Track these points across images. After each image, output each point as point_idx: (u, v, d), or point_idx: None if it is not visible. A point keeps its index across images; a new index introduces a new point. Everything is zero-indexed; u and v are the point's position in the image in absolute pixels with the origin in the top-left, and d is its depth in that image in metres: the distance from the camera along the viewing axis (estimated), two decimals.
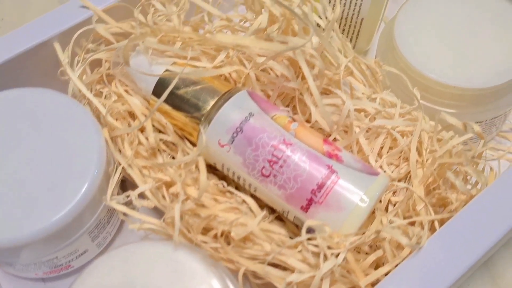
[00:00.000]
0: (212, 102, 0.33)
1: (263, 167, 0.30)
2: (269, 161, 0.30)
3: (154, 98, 0.34)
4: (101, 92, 0.36)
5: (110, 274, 0.28)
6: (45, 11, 0.38)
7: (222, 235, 0.30)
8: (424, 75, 0.34)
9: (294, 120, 0.32)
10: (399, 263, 0.28)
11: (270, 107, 0.32)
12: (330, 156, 0.30)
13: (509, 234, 0.28)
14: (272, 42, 0.31)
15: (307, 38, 0.30)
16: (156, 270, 0.28)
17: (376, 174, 0.30)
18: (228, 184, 0.34)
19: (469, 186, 0.32)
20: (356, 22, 0.38)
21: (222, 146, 0.31)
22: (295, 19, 0.33)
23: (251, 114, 0.31)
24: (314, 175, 0.29)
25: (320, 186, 0.29)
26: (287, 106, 0.36)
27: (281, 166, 0.30)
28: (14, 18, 0.49)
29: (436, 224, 0.29)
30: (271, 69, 0.35)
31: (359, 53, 0.43)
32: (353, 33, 0.38)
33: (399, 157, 0.33)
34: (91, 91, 0.36)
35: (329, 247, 0.28)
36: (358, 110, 0.34)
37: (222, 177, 0.34)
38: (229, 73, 0.35)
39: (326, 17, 0.34)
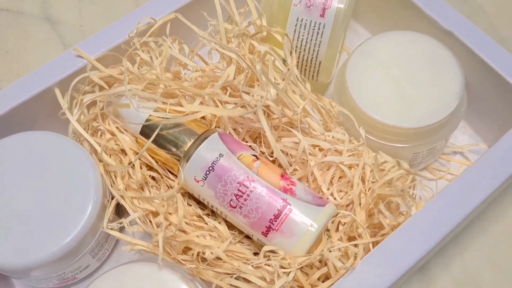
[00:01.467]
0: (189, 143, 0.39)
1: (231, 200, 0.37)
2: (236, 195, 0.37)
3: (142, 137, 0.40)
4: (97, 130, 0.43)
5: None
6: (45, 42, 0.43)
7: (198, 255, 0.37)
8: (369, 115, 0.40)
9: (257, 159, 0.38)
10: (339, 278, 0.34)
11: (237, 148, 0.38)
12: (285, 190, 0.36)
13: (426, 257, 0.35)
14: (232, 109, 0.37)
15: (266, 90, 0.37)
16: (146, 286, 0.35)
17: (323, 204, 0.37)
18: (205, 209, 0.40)
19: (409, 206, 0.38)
20: (315, 65, 0.43)
21: (198, 181, 0.38)
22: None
23: (221, 155, 0.37)
24: (272, 207, 0.36)
25: (277, 216, 0.36)
26: (255, 140, 0.42)
27: (245, 199, 0.36)
28: (18, 50, 0.55)
29: (371, 245, 0.36)
30: None
31: (322, 85, 0.49)
32: (313, 72, 0.44)
33: (348, 185, 0.40)
34: (88, 129, 0.43)
35: (281, 267, 0.34)
36: (314, 145, 0.40)
37: (201, 204, 0.41)
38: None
39: (286, 65, 0.40)
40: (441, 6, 0.44)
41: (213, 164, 0.37)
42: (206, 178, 0.37)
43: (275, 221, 0.36)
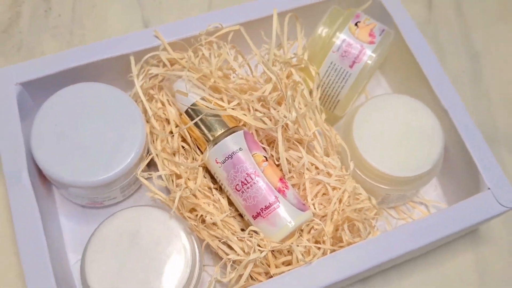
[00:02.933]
0: (220, 132, 0.50)
1: (237, 184, 0.48)
2: (242, 182, 0.47)
3: (185, 116, 0.51)
4: (152, 97, 0.53)
5: (126, 223, 0.46)
6: (127, 8, 0.53)
7: (200, 217, 0.48)
8: (360, 155, 0.50)
9: (266, 160, 0.49)
10: (297, 267, 0.46)
11: (254, 147, 0.49)
12: (279, 191, 0.47)
13: (363, 273, 0.45)
14: (256, 120, 0.48)
15: (289, 111, 0.47)
16: (156, 227, 0.46)
17: (304, 210, 0.47)
18: (215, 184, 0.51)
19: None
20: (334, 101, 0.54)
21: (217, 163, 0.49)
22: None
23: (240, 149, 0.48)
24: (265, 199, 0.47)
25: (267, 207, 0.47)
26: (270, 144, 0.53)
27: (248, 188, 0.47)
28: (103, 9, 0.66)
29: (328, 251, 0.47)
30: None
31: (336, 116, 0.59)
32: (331, 105, 0.55)
33: (327, 201, 0.50)
34: (146, 94, 0.54)
35: (258, 245, 0.45)
36: (312, 163, 0.51)
37: (214, 179, 0.52)
38: None
39: (311, 96, 0.51)
40: (447, 86, 0.54)
41: (232, 154, 0.48)
42: (224, 162, 0.48)
43: (265, 210, 0.47)
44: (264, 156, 0.49)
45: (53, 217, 0.52)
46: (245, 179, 0.48)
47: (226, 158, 0.48)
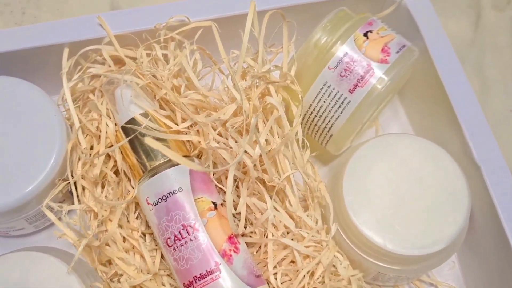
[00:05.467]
0: (160, 162, 0.37)
1: (169, 238, 0.35)
2: (175, 236, 0.34)
3: (121, 133, 0.38)
4: (89, 102, 0.41)
5: (8, 272, 0.33)
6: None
7: (115, 275, 0.35)
8: (349, 218, 0.36)
9: (215, 208, 0.35)
10: None
11: (201, 188, 0.36)
12: (223, 255, 0.34)
13: None
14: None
15: (250, 150, 0.34)
16: (47, 284, 0.33)
17: (257, 286, 0.34)
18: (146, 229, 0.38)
19: None
20: (325, 135, 0.40)
21: (148, 204, 0.36)
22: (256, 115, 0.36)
23: (180, 189, 0.35)
24: (202, 265, 0.33)
25: (202, 277, 0.33)
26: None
27: (181, 245, 0.34)
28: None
29: None
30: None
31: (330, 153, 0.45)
32: (322, 140, 0.41)
33: (295, 273, 0.36)
34: (81, 98, 0.41)
35: None
36: (279, 219, 0.37)
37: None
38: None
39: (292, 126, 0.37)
40: (484, 133, 0.39)
41: (168, 195, 0.35)
42: (156, 204, 0.35)
43: (199, 280, 0.33)
44: (213, 203, 0.36)
45: None
46: (180, 232, 0.34)
47: (160, 200, 0.35)
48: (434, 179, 0.37)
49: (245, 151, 0.34)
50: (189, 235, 0.34)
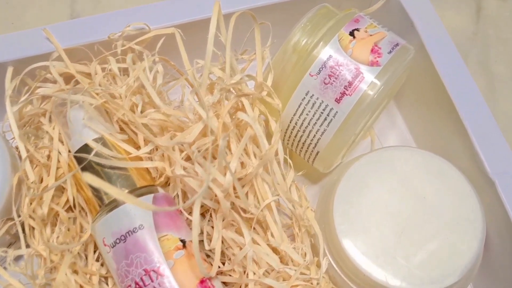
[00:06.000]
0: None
1: (129, 286, 0.29)
2: (136, 283, 0.29)
3: (73, 162, 0.33)
4: (41, 126, 0.36)
5: None
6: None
7: None
8: (345, 253, 0.31)
9: (183, 247, 0.30)
10: None
11: (167, 224, 0.30)
12: None
13: None
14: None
15: (220, 177, 0.28)
16: None
17: None
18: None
19: None
20: (311, 152, 0.34)
21: (105, 245, 0.30)
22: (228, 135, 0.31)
23: (141, 227, 0.30)
24: None
25: None
26: (204, 213, 0.34)
27: None
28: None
29: None
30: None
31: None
32: (308, 158, 0.35)
33: None
34: (31, 123, 0.36)
35: None
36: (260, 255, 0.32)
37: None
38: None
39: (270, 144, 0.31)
40: (497, 140, 0.33)
41: (127, 234, 0.30)
42: (114, 246, 0.30)
43: None
44: (182, 240, 0.30)
45: None
46: (142, 278, 0.29)
47: (118, 240, 0.30)
48: (441, 199, 0.32)
49: (216, 179, 0.29)
50: (152, 281, 0.29)
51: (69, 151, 0.34)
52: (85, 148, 0.32)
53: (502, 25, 0.49)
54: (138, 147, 0.33)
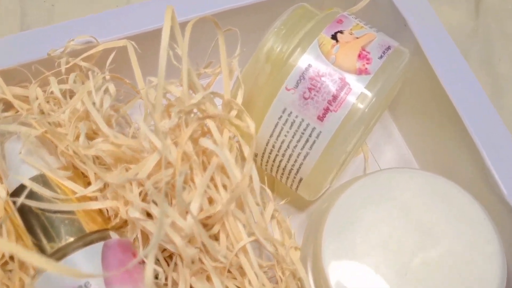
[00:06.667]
0: (63, 242, 0.26)
1: None
2: None
3: (10, 204, 0.28)
4: None
5: None
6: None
7: None
8: None
9: None
10: None
11: (121, 280, 0.25)
12: None
13: None
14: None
15: (179, 219, 0.23)
16: None
17: None
18: None
19: None
20: (293, 178, 0.29)
21: None
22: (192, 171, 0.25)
23: (87, 285, 0.24)
24: None
25: None
26: (172, 255, 0.28)
27: None
28: None
29: None
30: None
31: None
32: (291, 184, 0.30)
33: None
34: None
35: None
36: None
37: None
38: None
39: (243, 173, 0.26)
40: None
41: None
42: None
43: None
44: None
45: None
46: None
47: None
48: (450, 231, 0.26)
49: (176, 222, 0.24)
50: None
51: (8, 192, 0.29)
52: (23, 188, 0.27)
53: (504, 18, 0.44)
54: (90, 184, 0.28)
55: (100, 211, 0.28)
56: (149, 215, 0.26)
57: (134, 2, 0.39)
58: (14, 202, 0.27)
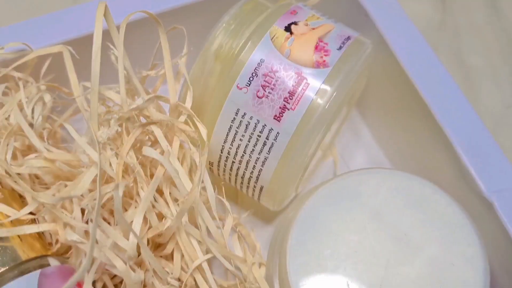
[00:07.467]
0: None
1: None
2: None
3: None
4: None
5: None
6: None
7: None
8: None
9: None
10: None
11: None
12: None
13: None
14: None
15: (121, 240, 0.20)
16: None
17: None
18: None
19: None
20: (254, 187, 0.27)
21: None
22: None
23: None
24: None
25: None
26: (118, 285, 0.25)
27: None
28: None
29: None
30: None
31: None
32: (252, 194, 0.27)
33: None
34: None
35: None
36: None
37: None
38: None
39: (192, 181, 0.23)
40: (492, 152, 0.26)
41: None
42: None
43: None
44: None
45: None
46: None
47: None
48: (427, 234, 0.24)
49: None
50: None
51: None
52: None
53: (473, 10, 0.43)
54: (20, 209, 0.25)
55: (39, 236, 0.25)
56: None
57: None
58: None
